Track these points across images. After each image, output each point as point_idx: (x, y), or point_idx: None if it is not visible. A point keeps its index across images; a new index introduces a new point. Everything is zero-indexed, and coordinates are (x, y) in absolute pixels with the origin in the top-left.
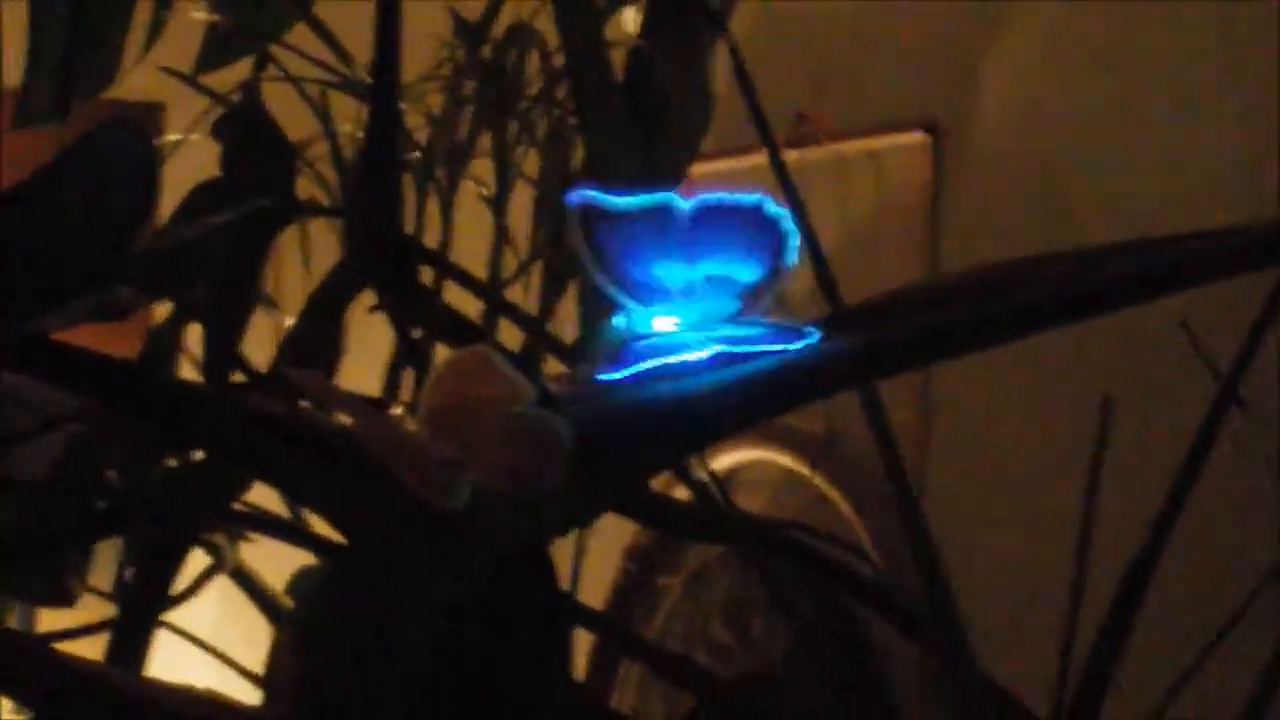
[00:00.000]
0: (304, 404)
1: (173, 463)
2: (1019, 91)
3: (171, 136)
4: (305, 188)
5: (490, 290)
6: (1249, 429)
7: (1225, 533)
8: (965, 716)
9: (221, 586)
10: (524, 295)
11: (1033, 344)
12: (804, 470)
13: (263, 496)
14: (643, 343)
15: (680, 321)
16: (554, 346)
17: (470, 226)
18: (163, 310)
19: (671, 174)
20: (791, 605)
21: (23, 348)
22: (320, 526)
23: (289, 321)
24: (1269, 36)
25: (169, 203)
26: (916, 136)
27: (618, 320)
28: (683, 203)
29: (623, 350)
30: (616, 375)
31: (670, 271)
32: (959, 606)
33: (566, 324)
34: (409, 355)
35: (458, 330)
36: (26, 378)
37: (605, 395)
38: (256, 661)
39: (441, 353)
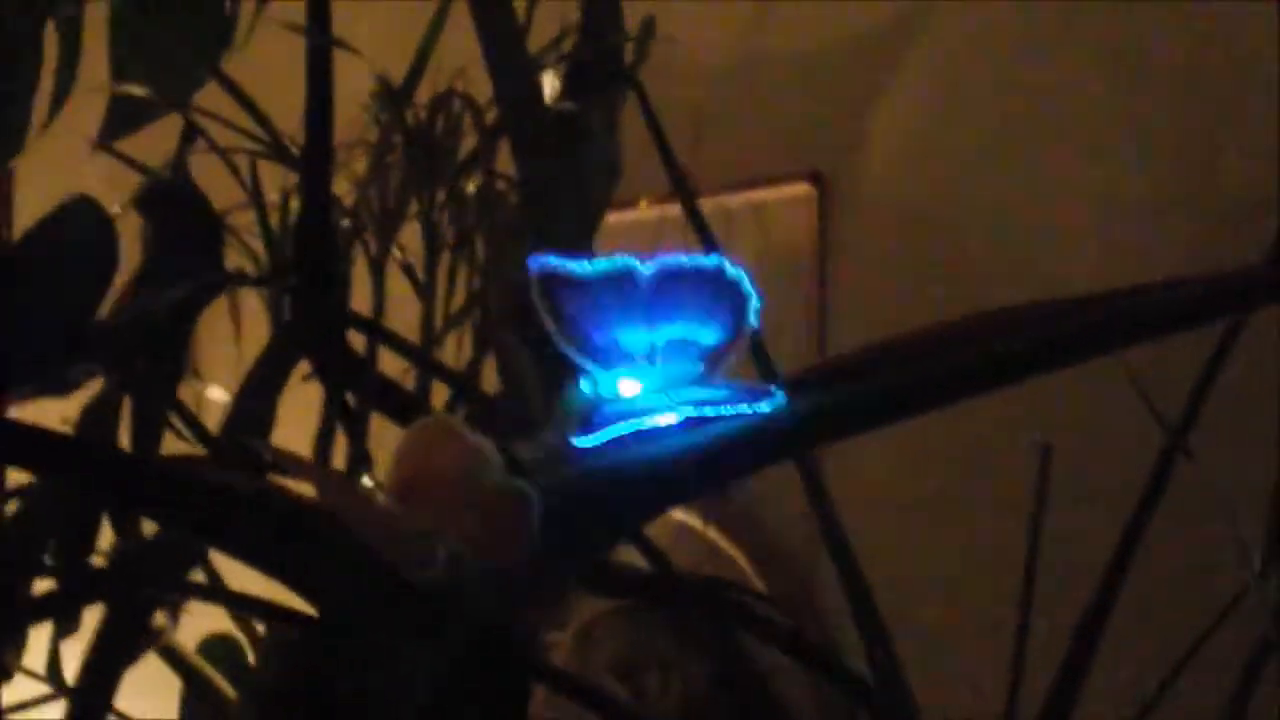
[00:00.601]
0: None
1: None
2: (905, 141)
3: None
4: (231, 258)
5: (424, 355)
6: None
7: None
8: None
9: None
10: (455, 358)
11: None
12: (696, 523)
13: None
14: (610, 407)
15: (645, 385)
16: (488, 409)
17: (397, 289)
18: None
19: (593, 231)
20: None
21: None
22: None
23: (210, 392)
24: (1165, 74)
25: None
26: (801, 188)
27: (582, 385)
28: (643, 267)
29: (591, 415)
30: (587, 440)
31: (633, 336)
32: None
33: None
34: (345, 424)
35: (392, 398)
36: None
37: (575, 461)
38: None
39: (377, 421)
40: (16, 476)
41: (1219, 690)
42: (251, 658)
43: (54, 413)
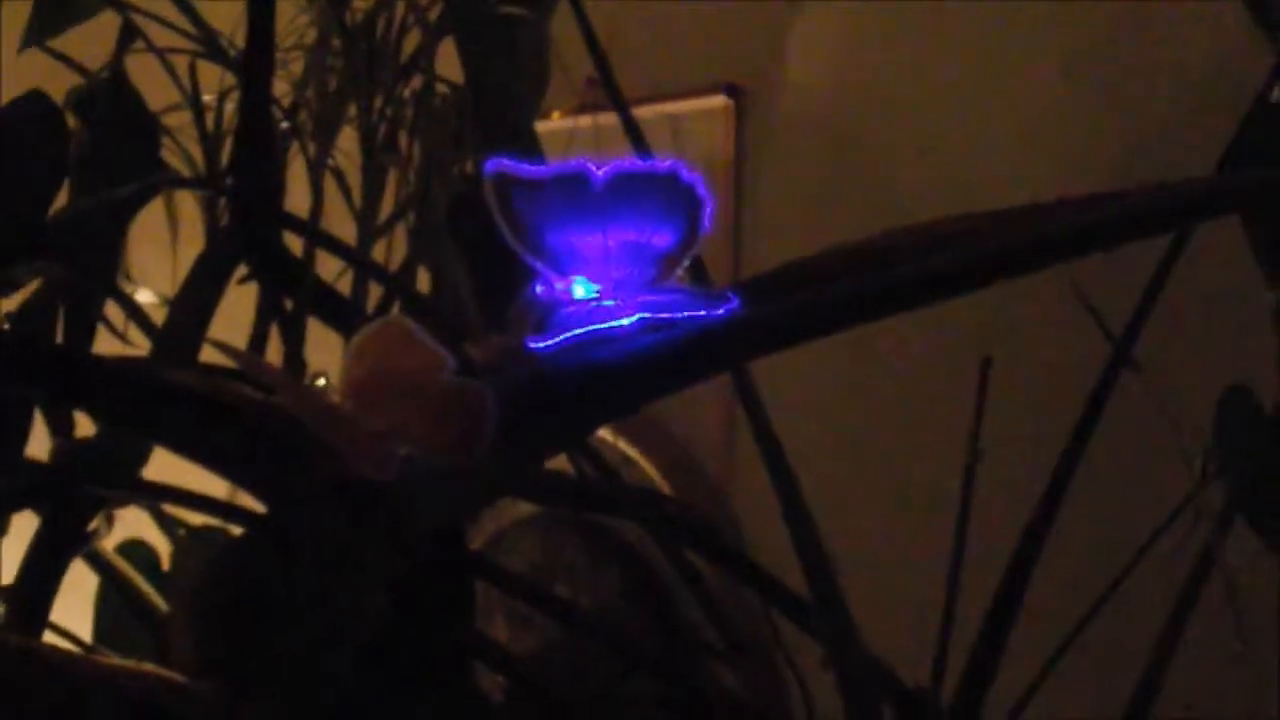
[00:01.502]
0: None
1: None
2: (823, 53)
3: None
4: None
5: (361, 258)
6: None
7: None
8: (856, 698)
9: None
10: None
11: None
12: (606, 434)
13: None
14: (565, 311)
15: (598, 289)
16: (423, 310)
17: (331, 192)
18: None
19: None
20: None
21: None
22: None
23: (141, 295)
24: None
25: None
26: (717, 100)
27: (536, 288)
28: (597, 171)
29: (545, 318)
30: (543, 343)
31: (586, 239)
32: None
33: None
34: (281, 327)
35: (328, 301)
36: None
37: (529, 363)
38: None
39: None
40: None
41: (1163, 600)
42: (166, 564)
43: None
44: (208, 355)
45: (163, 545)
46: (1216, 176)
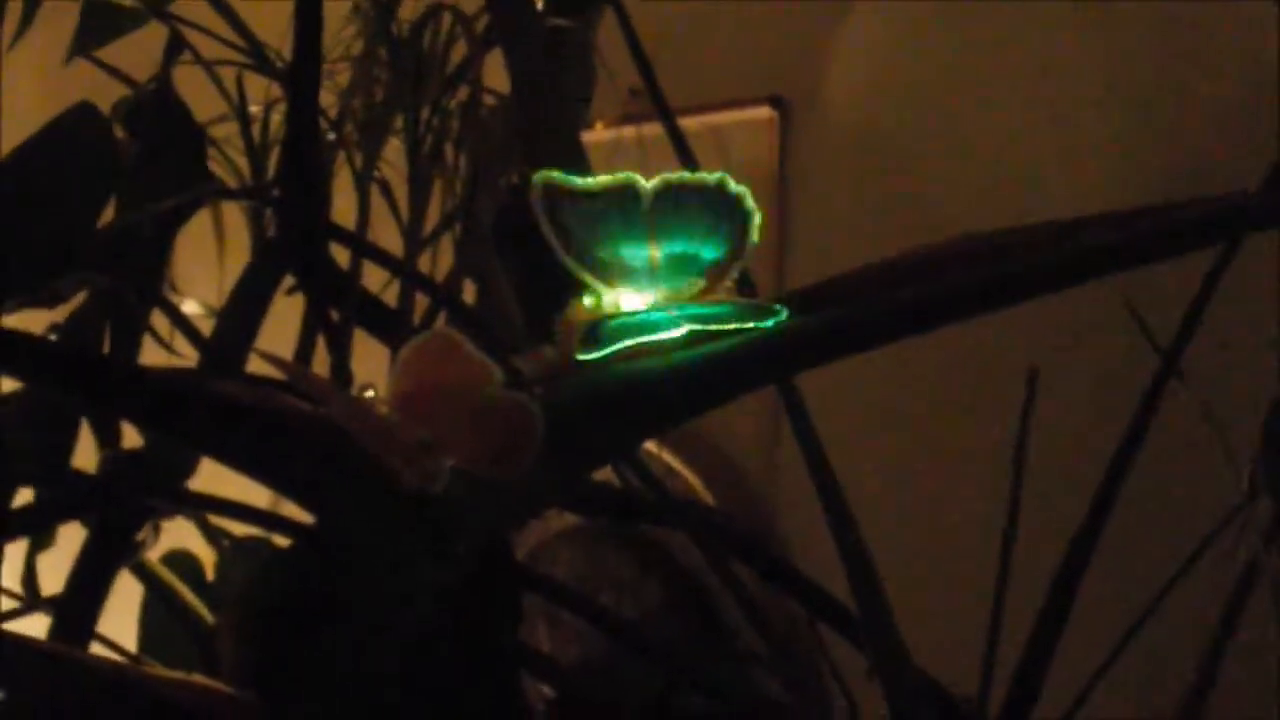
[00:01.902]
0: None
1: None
2: (868, 65)
3: None
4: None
5: (409, 269)
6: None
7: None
8: (902, 709)
9: None
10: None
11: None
12: (650, 445)
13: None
14: (613, 322)
15: (646, 301)
16: (470, 322)
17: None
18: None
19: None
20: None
21: None
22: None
23: (186, 306)
24: (1135, 8)
25: None
26: (762, 111)
27: (584, 300)
28: (645, 182)
29: (594, 330)
30: (591, 355)
31: (635, 250)
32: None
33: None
34: (327, 338)
35: (375, 312)
36: None
37: (577, 375)
38: None
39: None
40: None
41: (1208, 611)
42: (211, 575)
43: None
44: (255, 366)
45: (207, 556)
46: (1263, 191)
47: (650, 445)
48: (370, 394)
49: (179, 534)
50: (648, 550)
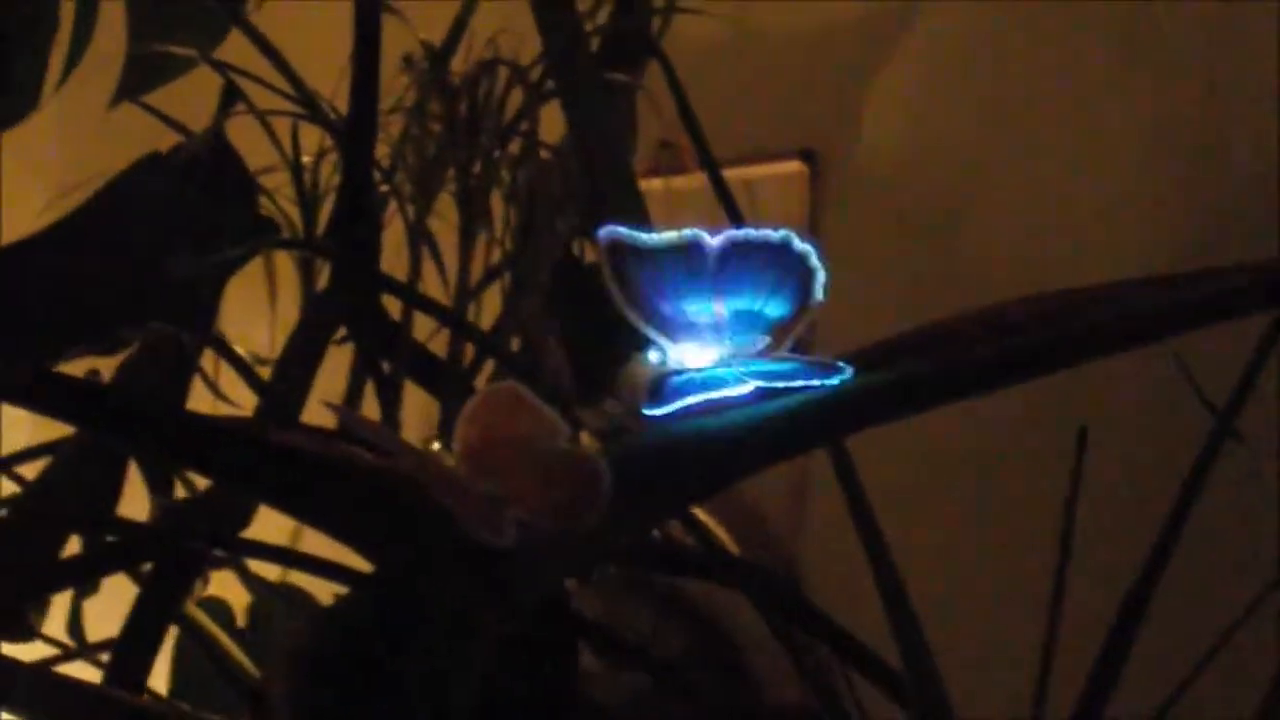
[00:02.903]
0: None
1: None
2: (898, 119)
3: None
4: None
5: (462, 322)
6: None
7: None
8: None
9: None
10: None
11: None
12: None
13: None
14: (680, 378)
15: (711, 357)
16: (520, 373)
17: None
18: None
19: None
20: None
21: (37, 383)
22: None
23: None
24: (1170, 60)
25: None
26: (793, 165)
27: (650, 356)
28: (710, 238)
29: (660, 386)
30: (657, 410)
31: (699, 306)
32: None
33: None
34: (378, 389)
35: (425, 364)
36: None
37: (644, 430)
38: None
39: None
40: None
41: (1263, 670)
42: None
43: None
44: (310, 415)
45: (236, 600)
46: None
47: None
48: (437, 446)
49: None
50: (670, 598)
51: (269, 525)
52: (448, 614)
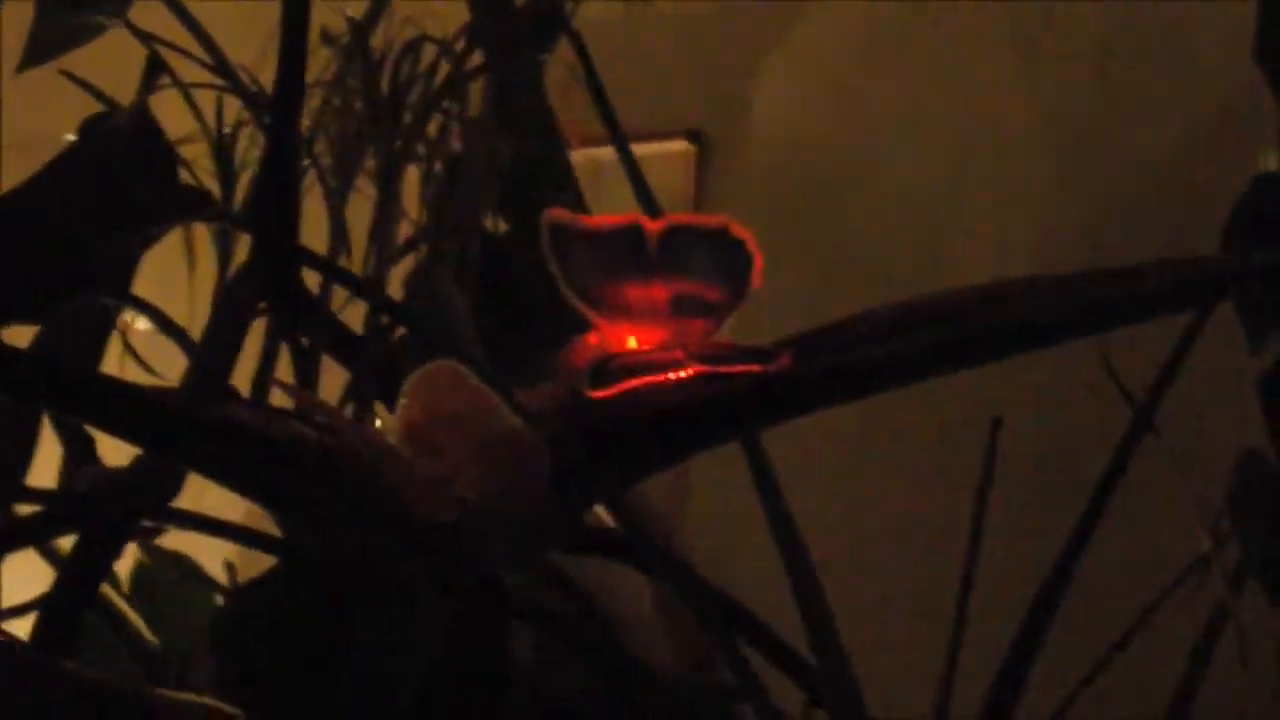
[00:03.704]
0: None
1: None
2: (786, 101)
3: None
4: None
5: (381, 296)
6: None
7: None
8: None
9: None
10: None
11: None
12: None
13: None
14: (622, 361)
15: (651, 340)
16: (450, 354)
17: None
18: None
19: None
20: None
21: None
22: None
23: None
24: (1067, 39)
25: None
26: (679, 145)
27: (589, 339)
28: (651, 224)
29: (602, 368)
30: (603, 392)
31: (640, 290)
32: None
33: None
34: (296, 364)
35: (342, 340)
36: None
37: (584, 411)
38: None
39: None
40: None
41: (1175, 659)
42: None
43: None
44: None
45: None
46: (1243, 255)
47: None
48: (379, 423)
49: None
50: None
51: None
52: (391, 590)
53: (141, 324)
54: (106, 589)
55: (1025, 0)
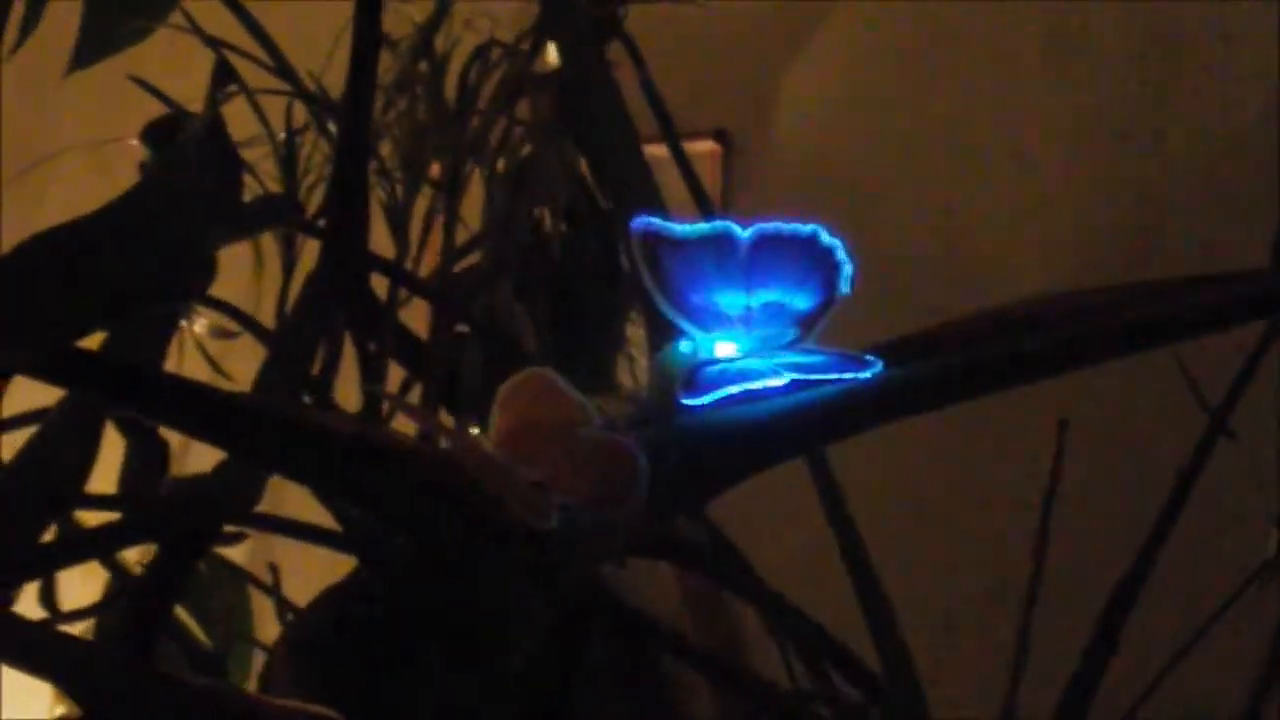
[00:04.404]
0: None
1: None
2: (813, 101)
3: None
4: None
5: (452, 302)
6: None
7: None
8: None
9: None
10: None
11: None
12: None
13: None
14: (715, 369)
15: (740, 348)
16: (515, 357)
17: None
18: None
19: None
20: None
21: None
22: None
23: (197, 327)
24: (1099, 44)
25: None
26: (706, 145)
27: (681, 346)
28: (741, 230)
29: (696, 376)
30: (696, 400)
31: (729, 298)
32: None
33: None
34: (364, 370)
35: (410, 348)
36: None
37: (677, 418)
38: None
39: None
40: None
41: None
42: None
43: None
44: None
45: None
46: None
47: None
48: (475, 431)
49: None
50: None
51: None
52: (493, 594)
53: (198, 327)
54: None
55: (1059, 0)
